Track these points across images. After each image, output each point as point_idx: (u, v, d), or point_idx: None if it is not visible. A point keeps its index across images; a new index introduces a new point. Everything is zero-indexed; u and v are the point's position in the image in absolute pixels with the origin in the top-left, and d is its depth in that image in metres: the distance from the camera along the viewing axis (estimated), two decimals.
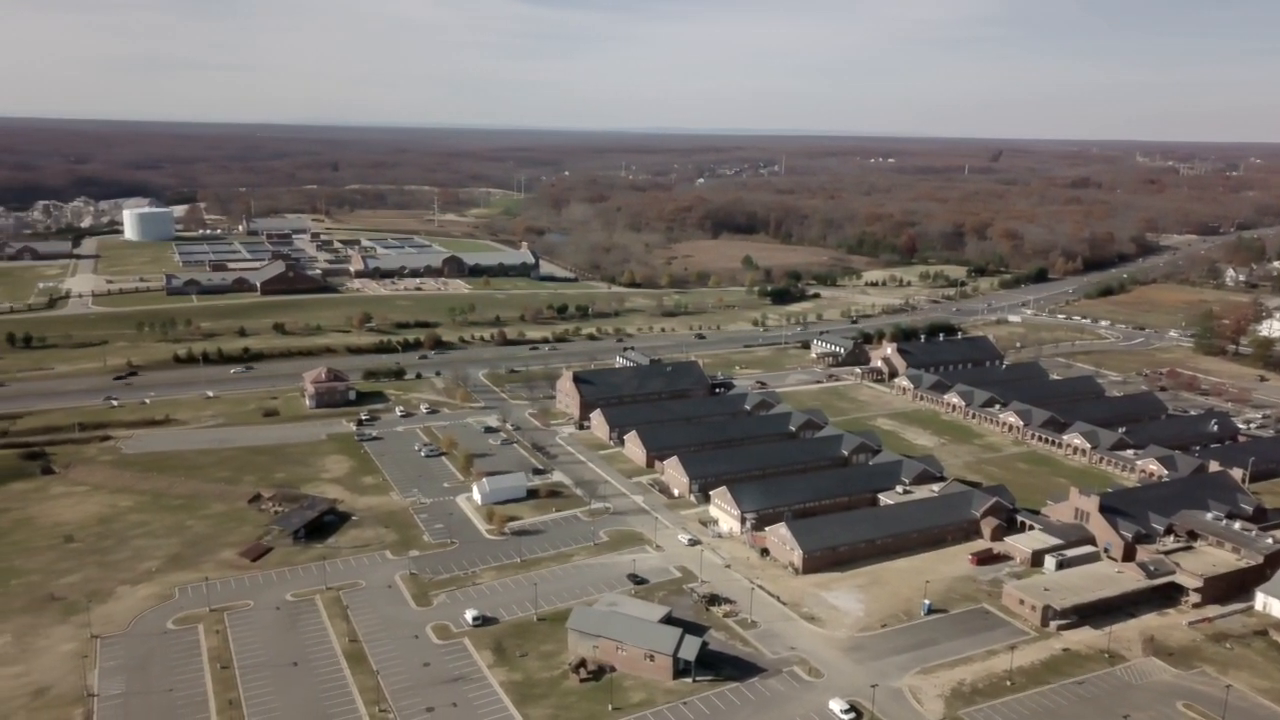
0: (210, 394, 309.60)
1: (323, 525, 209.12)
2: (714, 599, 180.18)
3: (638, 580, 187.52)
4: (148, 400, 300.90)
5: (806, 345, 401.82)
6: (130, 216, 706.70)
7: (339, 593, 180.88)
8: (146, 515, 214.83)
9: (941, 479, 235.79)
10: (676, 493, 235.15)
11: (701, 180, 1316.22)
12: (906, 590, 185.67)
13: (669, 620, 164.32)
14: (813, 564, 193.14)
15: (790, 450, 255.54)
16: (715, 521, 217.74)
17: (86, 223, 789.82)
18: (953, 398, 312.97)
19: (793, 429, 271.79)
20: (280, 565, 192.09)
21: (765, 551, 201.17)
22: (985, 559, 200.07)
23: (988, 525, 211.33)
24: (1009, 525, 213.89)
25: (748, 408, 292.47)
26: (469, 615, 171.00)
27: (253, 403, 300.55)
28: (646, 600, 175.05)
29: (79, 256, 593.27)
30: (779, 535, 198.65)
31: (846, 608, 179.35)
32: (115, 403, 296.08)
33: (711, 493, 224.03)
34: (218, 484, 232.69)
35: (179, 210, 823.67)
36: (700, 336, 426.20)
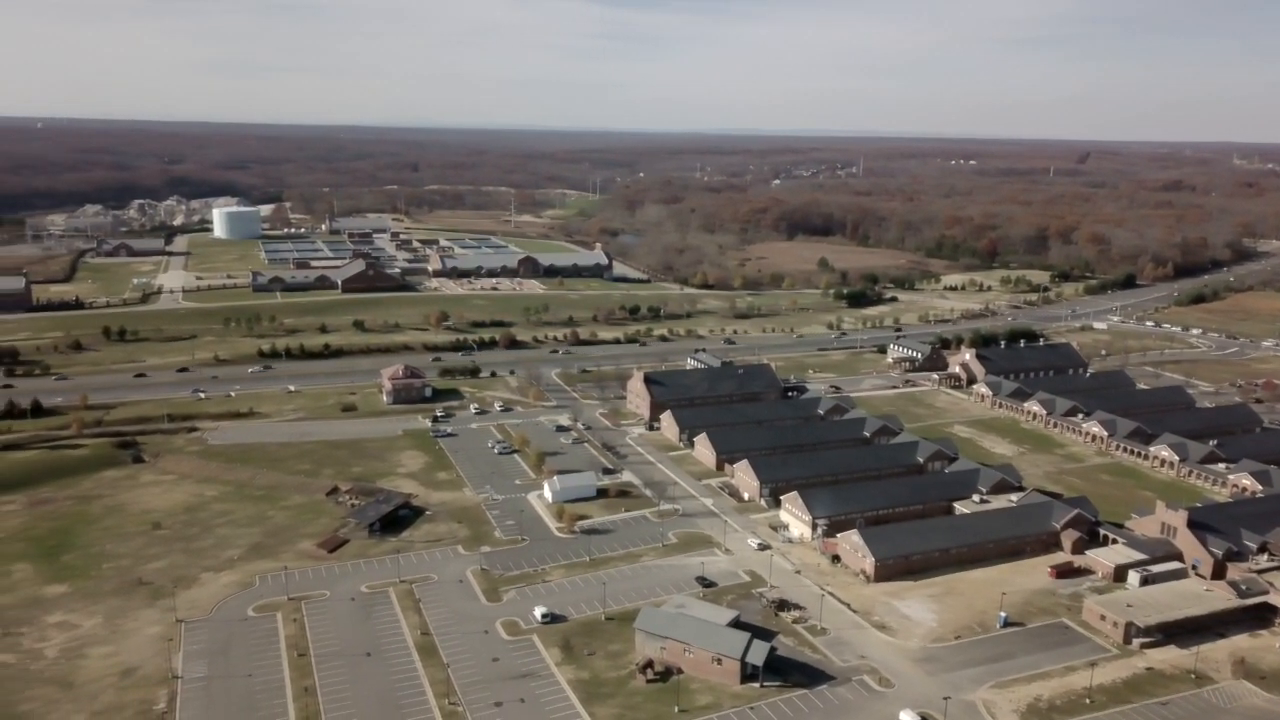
0: (292, 388, 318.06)
1: (397, 519, 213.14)
2: (783, 604, 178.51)
3: (706, 583, 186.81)
4: (233, 393, 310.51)
5: (882, 350, 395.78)
6: (219, 215, 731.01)
7: (412, 586, 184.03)
8: (230, 505, 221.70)
9: (1020, 489, 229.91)
10: (746, 496, 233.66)
11: (777, 181, 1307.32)
12: (981, 602, 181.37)
13: (737, 624, 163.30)
14: (885, 572, 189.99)
15: (864, 456, 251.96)
16: (785, 526, 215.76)
17: (179, 221, 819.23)
18: (1033, 406, 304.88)
19: (867, 434, 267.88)
20: (356, 557, 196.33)
21: (836, 558, 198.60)
22: (1065, 572, 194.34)
23: (1068, 538, 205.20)
24: (1091, 538, 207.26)
25: (821, 412, 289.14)
26: (538, 612, 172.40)
27: (332, 398, 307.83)
28: (715, 603, 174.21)
29: (171, 253, 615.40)
30: (851, 542, 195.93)
31: (919, 617, 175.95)
32: (203, 395, 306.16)
33: (782, 497, 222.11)
34: (298, 476, 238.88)
35: (265, 209, 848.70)
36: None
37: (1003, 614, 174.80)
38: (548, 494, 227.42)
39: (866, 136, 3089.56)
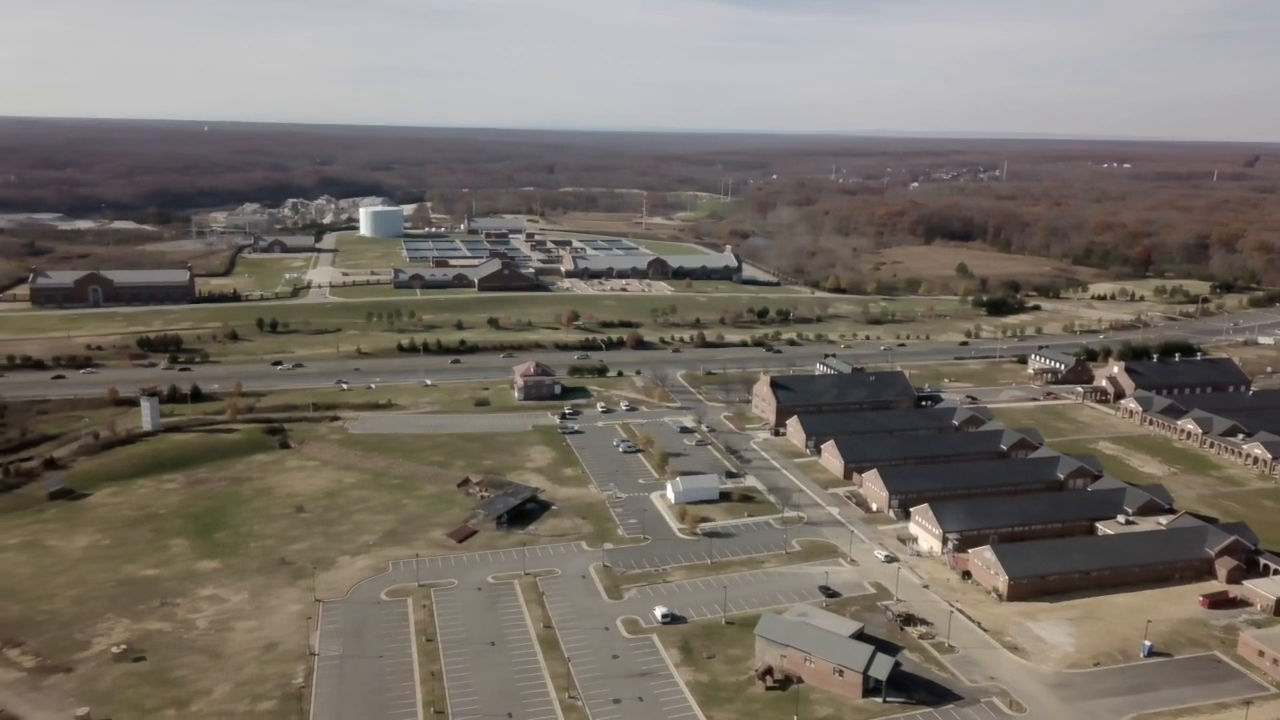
0: (429, 382, 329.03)
1: (524, 512, 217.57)
2: (909, 619, 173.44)
3: (830, 593, 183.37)
4: (373, 385, 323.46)
5: (1023, 360, 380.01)
6: (365, 214, 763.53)
7: (536, 579, 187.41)
8: (367, 492, 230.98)
9: (1170, 511, 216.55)
10: (874, 507, 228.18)
11: (916, 184, 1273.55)
12: (1124, 628, 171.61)
13: (860, 636, 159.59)
14: (1019, 591, 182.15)
15: (1000, 470, 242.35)
16: (914, 539, 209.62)
17: (328, 219, 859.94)
18: (1188, 424, 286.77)
19: (1004, 448, 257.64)
20: (483, 548, 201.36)
21: (967, 574, 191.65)
22: (1219, 602, 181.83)
23: (1224, 566, 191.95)
24: (1249, 567, 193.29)
25: (955, 423, 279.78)
26: (658, 612, 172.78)
27: (466, 392, 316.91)
28: (838, 614, 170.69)
29: (320, 250, 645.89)
30: (983, 558, 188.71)
31: (1055, 640, 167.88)
32: (345, 386, 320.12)
33: (912, 510, 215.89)
34: (431, 467, 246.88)
35: (408, 209, 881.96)
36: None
37: (1147, 643, 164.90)
38: (670, 495, 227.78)
39: (1011, 138, 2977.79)
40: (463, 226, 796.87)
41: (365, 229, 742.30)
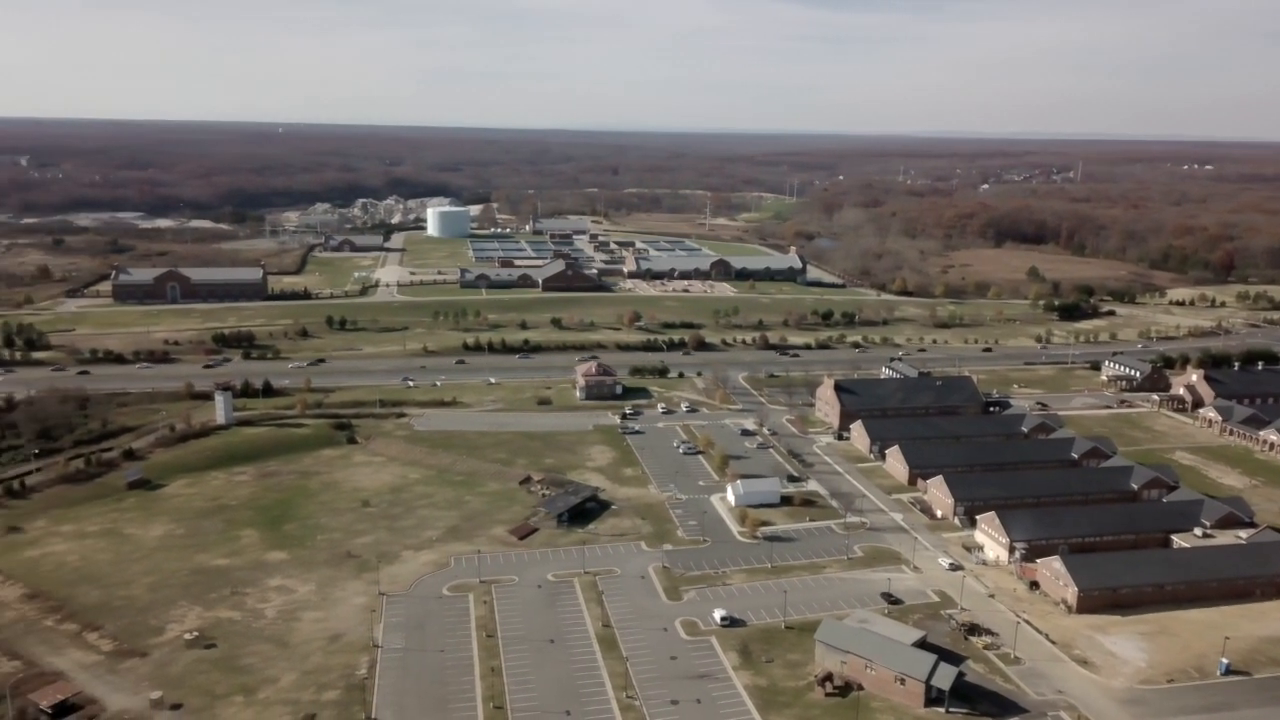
0: (492, 380, 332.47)
1: (585, 511, 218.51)
2: (974, 629, 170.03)
3: (892, 600, 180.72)
4: (438, 383, 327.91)
5: (1096, 366, 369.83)
6: (433, 215, 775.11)
7: (595, 578, 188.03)
8: (431, 488, 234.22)
9: (1251, 525, 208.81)
10: (939, 514, 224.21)
11: (986, 186, 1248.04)
12: (1200, 645, 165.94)
13: (923, 645, 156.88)
14: (1088, 603, 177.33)
15: (1070, 479, 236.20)
16: (980, 548, 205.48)
17: (396, 219, 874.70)
18: (1271, 435, 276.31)
19: (1075, 456, 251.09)
20: (544, 546, 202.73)
21: (1035, 585, 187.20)
22: None
23: None
24: None
25: (1025, 430, 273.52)
26: (717, 614, 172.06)
27: (529, 391, 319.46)
28: (900, 621, 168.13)
29: (388, 250, 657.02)
30: (1052, 569, 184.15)
31: (1126, 655, 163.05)
32: (411, 384, 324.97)
33: (978, 517, 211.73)
34: (494, 464, 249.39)
35: (474, 210, 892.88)
36: (986, 351, 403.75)
37: (1224, 660, 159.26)
38: (731, 497, 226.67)
39: (1086, 139, 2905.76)
40: (528, 227, 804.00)
41: (432, 229, 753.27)
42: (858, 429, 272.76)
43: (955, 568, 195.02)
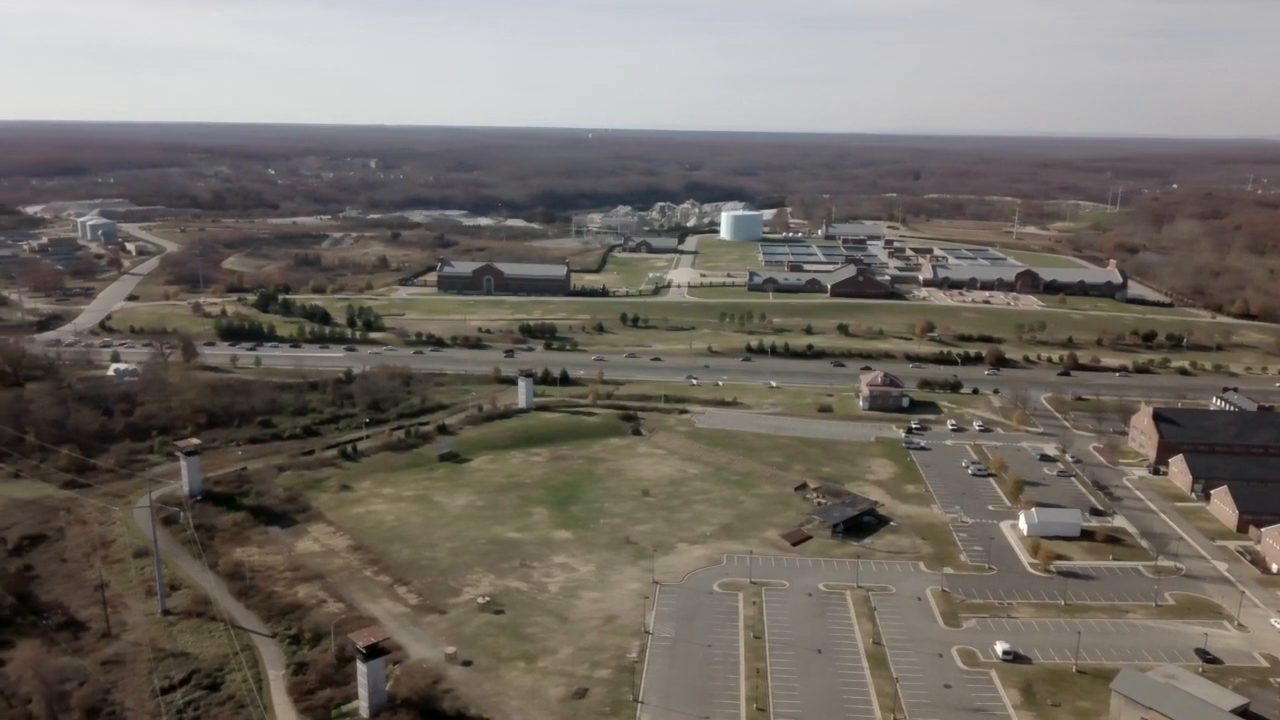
0: (773, 384, 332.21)
1: (861, 524, 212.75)
2: None
3: (1208, 658, 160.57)
4: (720, 383, 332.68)
5: None
6: (726, 218, 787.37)
7: (868, 593, 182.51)
8: (708, 484, 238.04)
9: None
10: (1275, 568, 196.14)
11: None
12: None
13: (1244, 713, 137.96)
14: None
15: None
16: None
17: (691, 222, 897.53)
18: None
19: None
20: (816, 554, 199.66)
21: None
22: None
23: None
24: None
25: None
26: (999, 647, 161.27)
27: (810, 397, 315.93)
28: (1217, 683, 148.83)
29: (682, 252, 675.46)
30: None
31: None
32: (694, 382, 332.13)
33: None
34: (770, 467, 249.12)
35: (768, 214, 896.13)
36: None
37: None
38: (1023, 525, 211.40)
39: None
40: (820, 232, 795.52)
41: (725, 232, 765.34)
42: (1178, 464, 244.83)
43: None
